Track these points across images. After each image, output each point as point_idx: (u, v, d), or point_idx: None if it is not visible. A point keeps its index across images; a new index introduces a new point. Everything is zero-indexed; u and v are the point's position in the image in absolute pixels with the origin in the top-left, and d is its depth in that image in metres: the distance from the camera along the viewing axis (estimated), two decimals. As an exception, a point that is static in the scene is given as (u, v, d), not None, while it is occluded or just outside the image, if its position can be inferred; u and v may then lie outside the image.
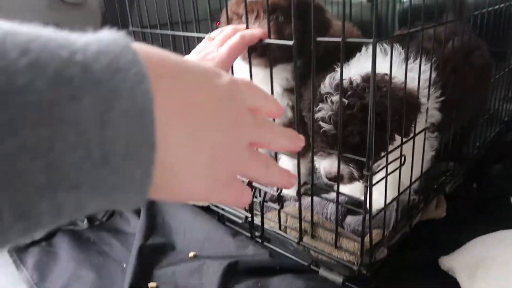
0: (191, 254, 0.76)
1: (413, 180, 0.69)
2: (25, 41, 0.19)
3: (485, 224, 0.76)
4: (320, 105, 0.63)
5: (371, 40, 0.50)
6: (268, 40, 0.61)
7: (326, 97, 0.63)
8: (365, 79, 0.62)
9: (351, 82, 0.62)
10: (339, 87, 0.56)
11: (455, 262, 0.67)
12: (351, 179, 0.65)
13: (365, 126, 0.56)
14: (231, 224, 0.83)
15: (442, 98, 0.71)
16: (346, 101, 0.60)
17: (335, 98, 0.61)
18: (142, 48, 0.23)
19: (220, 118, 0.27)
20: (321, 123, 0.62)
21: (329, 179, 0.65)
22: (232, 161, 0.28)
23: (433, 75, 0.68)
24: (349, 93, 0.61)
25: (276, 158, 0.76)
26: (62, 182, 0.19)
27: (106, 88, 0.20)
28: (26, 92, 0.18)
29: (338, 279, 0.67)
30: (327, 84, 0.64)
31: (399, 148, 0.62)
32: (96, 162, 0.20)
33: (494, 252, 0.65)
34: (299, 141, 0.34)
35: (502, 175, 0.95)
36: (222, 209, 0.81)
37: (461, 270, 0.65)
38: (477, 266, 0.64)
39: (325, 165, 0.66)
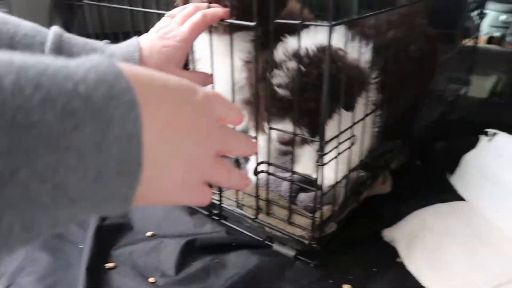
0: (149, 233, 0.77)
1: (362, 158, 0.73)
2: (36, 75, 0.20)
3: (425, 198, 0.82)
4: (275, 71, 0.63)
5: (327, 25, 0.51)
6: (230, 20, 0.60)
7: (281, 64, 0.63)
8: (320, 50, 0.64)
9: (307, 51, 0.63)
10: (295, 56, 0.57)
11: (396, 234, 0.73)
12: (303, 142, 0.67)
13: (319, 93, 0.57)
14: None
15: (378, 79, 0.74)
16: (304, 69, 0.61)
17: (291, 65, 0.62)
18: (131, 71, 0.25)
19: (196, 133, 0.30)
20: (276, 88, 0.63)
21: (282, 143, 0.67)
22: (202, 170, 0.31)
23: (372, 58, 0.71)
24: (305, 61, 0.62)
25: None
26: (61, 199, 0.21)
27: (103, 116, 0.22)
28: (39, 125, 0.20)
29: (291, 253, 0.71)
30: (280, 52, 0.65)
31: (350, 129, 0.66)
32: (91, 180, 0.22)
33: (429, 223, 0.72)
34: (255, 148, 0.38)
35: (443, 153, 1.03)
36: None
37: (401, 241, 0.71)
38: (414, 236, 0.70)
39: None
